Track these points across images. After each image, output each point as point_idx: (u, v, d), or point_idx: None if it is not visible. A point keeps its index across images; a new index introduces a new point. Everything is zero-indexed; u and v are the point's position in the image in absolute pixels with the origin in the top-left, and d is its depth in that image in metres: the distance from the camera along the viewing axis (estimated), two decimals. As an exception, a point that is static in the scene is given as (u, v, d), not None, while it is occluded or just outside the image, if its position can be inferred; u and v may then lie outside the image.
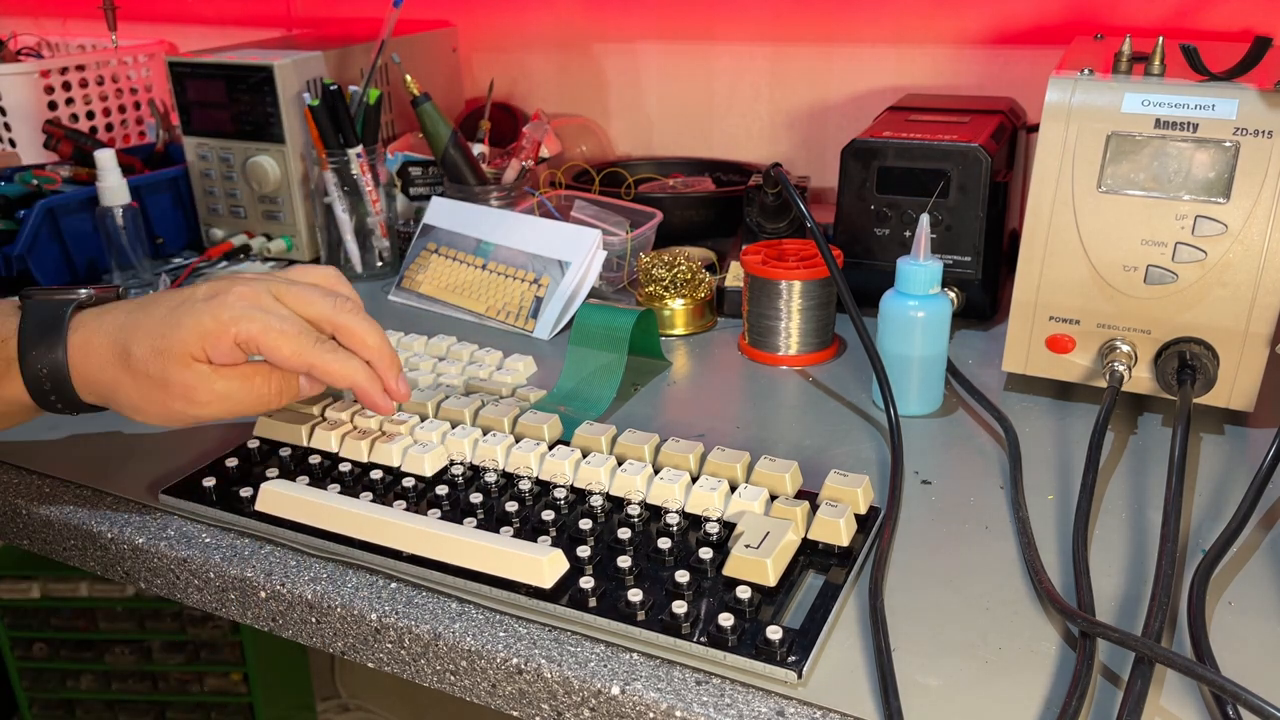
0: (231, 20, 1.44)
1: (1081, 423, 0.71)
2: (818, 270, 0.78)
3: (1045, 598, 0.52)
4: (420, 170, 1.08)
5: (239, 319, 0.56)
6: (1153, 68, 0.67)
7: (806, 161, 1.17)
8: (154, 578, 0.61)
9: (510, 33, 1.28)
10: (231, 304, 0.56)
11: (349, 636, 0.55)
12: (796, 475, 0.61)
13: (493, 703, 0.52)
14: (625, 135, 1.27)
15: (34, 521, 0.65)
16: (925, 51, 1.07)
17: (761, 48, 1.15)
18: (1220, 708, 0.45)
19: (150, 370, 0.56)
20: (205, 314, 0.56)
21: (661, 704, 0.47)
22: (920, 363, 0.71)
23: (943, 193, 0.82)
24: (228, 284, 0.58)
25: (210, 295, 0.57)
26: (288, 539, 0.59)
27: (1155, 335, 0.67)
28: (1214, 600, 0.52)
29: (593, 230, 0.90)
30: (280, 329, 0.57)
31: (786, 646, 0.48)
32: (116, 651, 1.50)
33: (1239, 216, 0.64)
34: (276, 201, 1.05)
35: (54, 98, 1.19)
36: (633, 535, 0.56)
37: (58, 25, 1.53)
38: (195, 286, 0.58)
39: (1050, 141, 0.67)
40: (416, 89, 0.98)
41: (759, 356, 0.82)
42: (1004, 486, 0.63)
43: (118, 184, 0.96)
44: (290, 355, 0.57)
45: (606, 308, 0.78)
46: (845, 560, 0.55)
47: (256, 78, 1.00)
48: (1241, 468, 0.65)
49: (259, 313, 0.56)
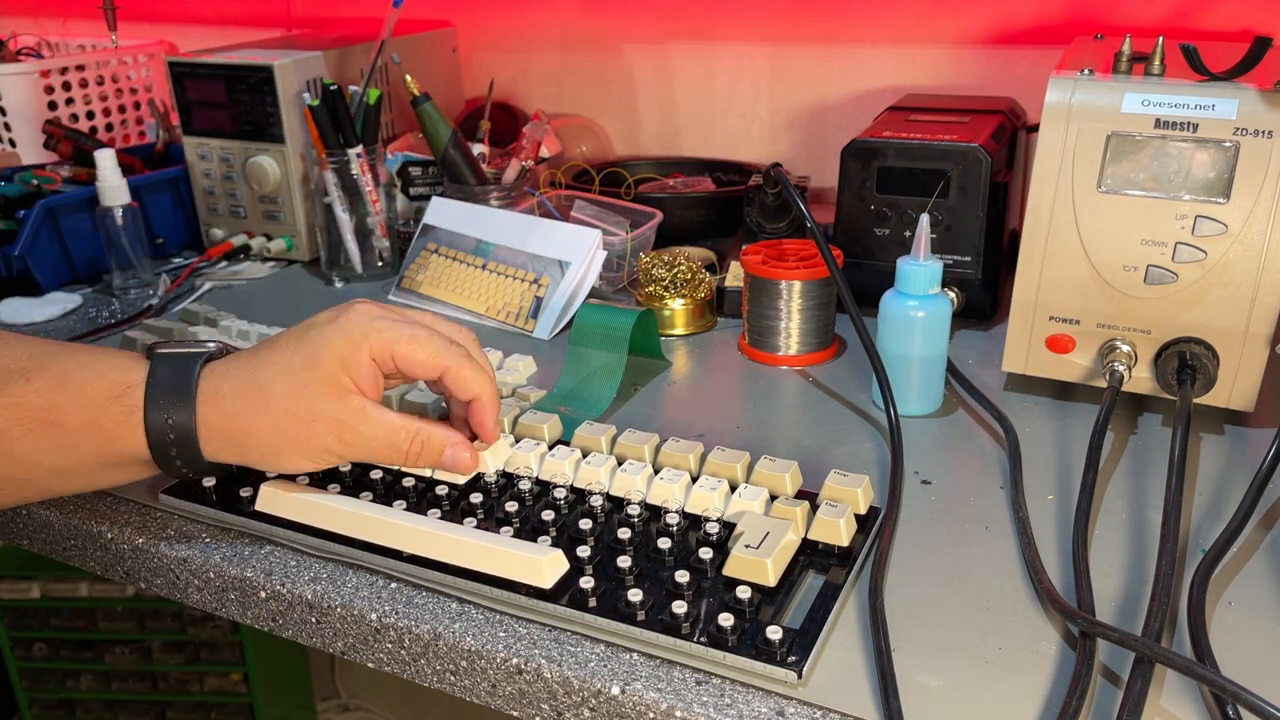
0: (231, 20, 1.44)
1: (1081, 423, 0.71)
2: (818, 270, 0.78)
3: (1045, 598, 0.52)
4: (420, 170, 1.08)
5: (370, 331, 0.54)
6: (1153, 68, 0.67)
7: (806, 161, 1.17)
8: (154, 578, 0.61)
9: (510, 33, 1.28)
10: (358, 320, 0.55)
11: (349, 636, 0.55)
12: (796, 475, 0.61)
13: (493, 703, 0.52)
14: (625, 135, 1.27)
15: (34, 521, 0.65)
16: (925, 51, 1.07)
17: (761, 48, 1.15)
18: (1220, 708, 0.45)
19: (296, 408, 0.53)
20: (337, 337, 0.54)
21: (661, 704, 0.47)
22: (920, 363, 0.71)
23: (943, 193, 0.82)
24: (346, 305, 0.56)
25: (333, 318, 0.55)
26: (288, 539, 0.59)
27: (1155, 335, 0.67)
28: (1214, 600, 0.52)
29: (593, 230, 0.90)
30: (413, 334, 0.55)
31: (786, 646, 0.48)
32: (116, 651, 1.50)
33: (1239, 216, 0.64)
34: (276, 201, 1.05)
35: (54, 98, 1.19)
36: (633, 535, 0.56)
37: (58, 25, 1.53)
38: (312, 317, 0.57)
39: (1050, 141, 0.67)
40: (416, 89, 0.98)
41: (759, 356, 0.82)
42: (1004, 486, 0.63)
43: (118, 184, 0.96)
44: (426, 359, 0.55)
45: (606, 308, 0.78)
46: (845, 560, 0.55)
47: (256, 78, 1.00)
48: (1241, 468, 0.65)
49: (388, 323, 0.55)
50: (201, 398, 0.53)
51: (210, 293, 1.01)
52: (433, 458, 0.57)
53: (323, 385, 0.53)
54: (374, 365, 0.55)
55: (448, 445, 0.57)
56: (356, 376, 0.54)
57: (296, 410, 0.53)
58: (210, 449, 0.54)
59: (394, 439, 0.55)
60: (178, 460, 0.54)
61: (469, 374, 0.57)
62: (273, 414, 0.53)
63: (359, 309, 0.56)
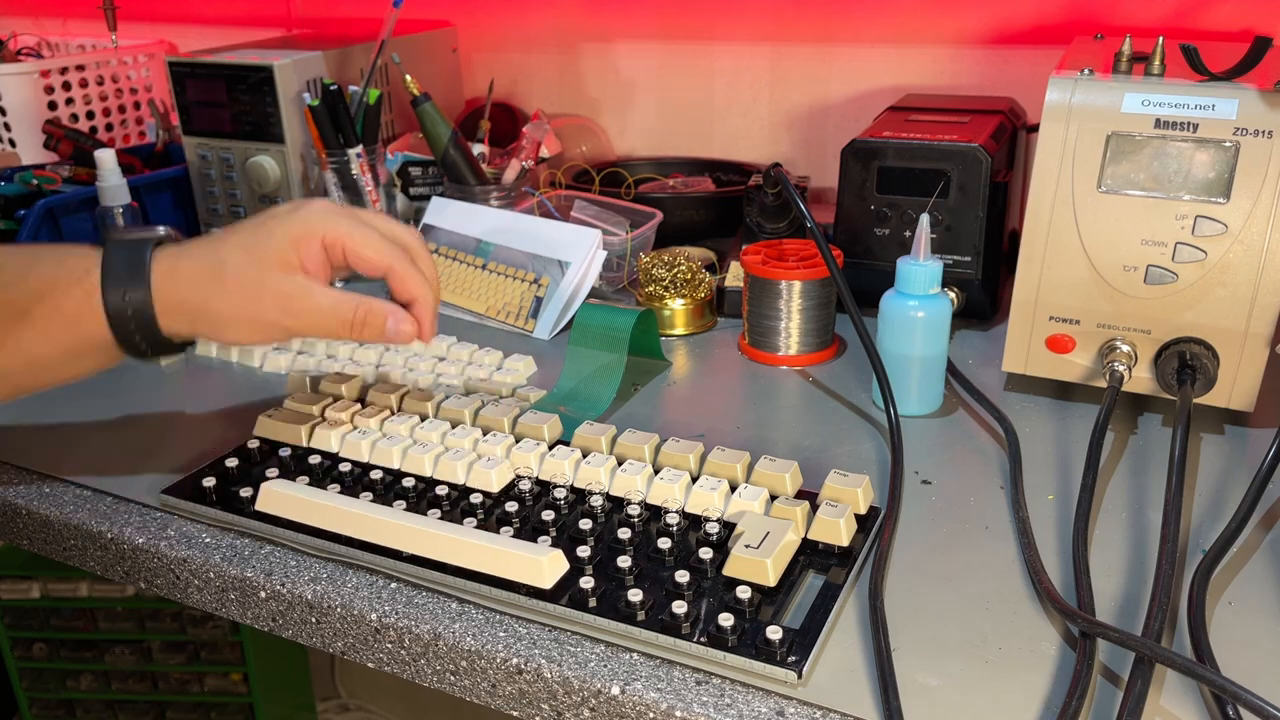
0: (231, 20, 1.44)
1: (1081, 423, 0.71)
2: (818, 270, 0.78)
3: (1045, 598, 0.52)
4: (420, 170, 1.08)
5: (326, 221, 0.58)
6: (1153, 68, 0.67)
7: (806, 161, 1.17)
8: (154, 578, 0.61)
9: (510, 33, 1.28)
10: (316, 211, 0.59)
11: (349, 636, 0.55)
12: (796, 475, 0.61)
13: (493, 703, 0.52)
14: (625, 135, 1.27)
15: (34, 521, 0.65)
16: (925, 51, 1.07)
17: (761, 48, 1.15)
18: (1220, 708, 0.45)
19: (245, 278, 0.57)
20: (294, 220, 0.58)
21: (661, 704, 0.47)
22: (920, 363, 0.71)
23: (943, 193, 0.82)
24: (305, 200, 0.62)
25: (294, 208, 0.59)
26: (288, 539, 0.59)
27: (1155, 335, 0.67)
28: (1214, 600, 0.52)
29: (593, 230, 0.90)
30: (364, 233, 0.59)
31: (786, 646, 0.48)
32: (116, 651, 1.50)
33: (1239, 216, 0.64)
34: (276, 201, 1.05)
35: (54, 98, 1.19)
36: (633, 535, 0.56)
37: (58, 25, 1.53)
38: (273, 208, 0.61)
39: (1050, 141, 0.67)
40: (416, 89, 0.98)
41: (759, 356, 0.82)
42: (1004, 486, 0.63)
43: (118, 184, 0.96)
44: (374, 255, 0.59)
45: (606, 308, 0.78)
46: (845, 560, 0.55)
47: (256, 78, 1.00)
48: (1241, 468, 0.65)
49: (344, 218, 0.59)
50: (156, 275, 0.56)
51: (210, 293, 1.01)
52: (377, 327, 0.60)
53: (274, 260, 0.57)
54: (324, 253, 0.58)
55: (389, 315, 0.60)
56: (305, 257, 0.58)
57: (246, 283, 0.57)
58: (166, 322, 0.57)
59: (339, 309, 0.58)
60: (137, 336, 0.57)
61: (411, 276, 0.60)
62: (226, 287, 0.57)
63: (318, 204, 0.60)
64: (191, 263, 0.57)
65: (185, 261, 0.57)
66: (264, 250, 0.57)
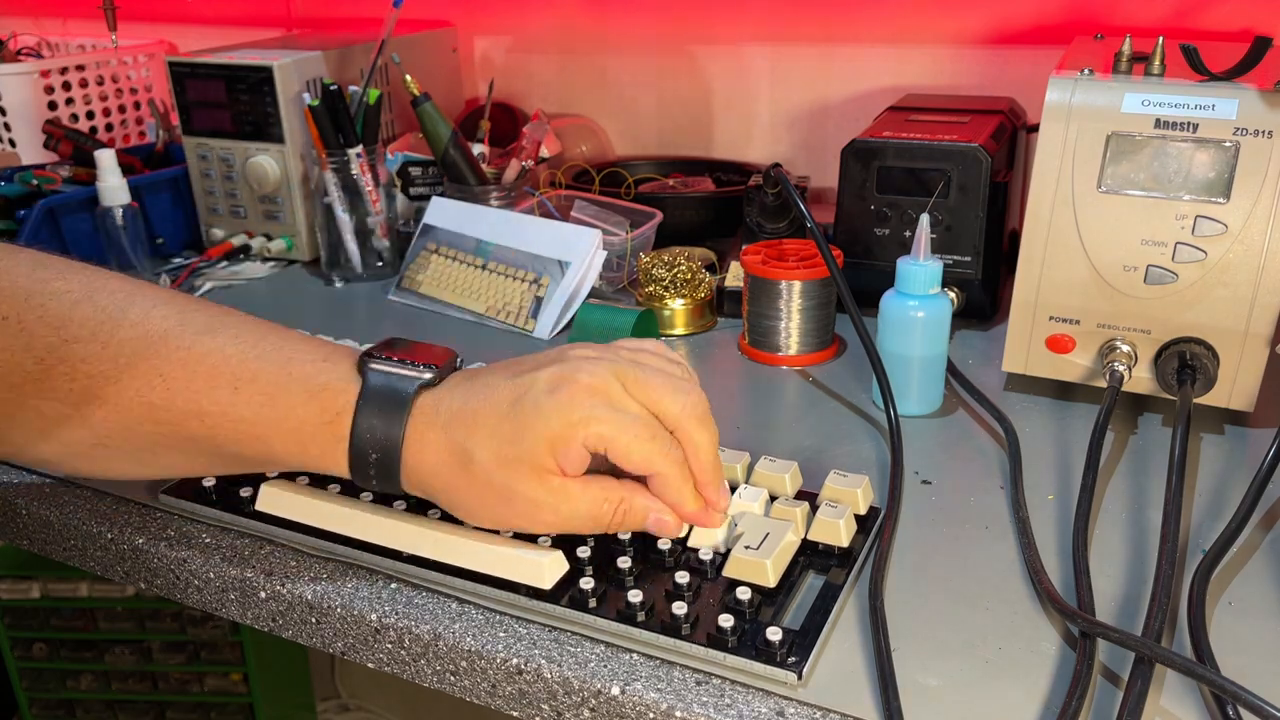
0: (231, 20, 1.44)
1: (1081, 423, 0.71)
2: (818, 270, 0.78)
3: (1045, 598, 0.52)
4: (420, 170, 1.08)
5: (589, 419, 0.50)
6: (1153, 68, 0.67)
7: (806, 161, 1.17)
8: (154, 578, 0.61)
9: (510, 33, 1.28)
10: (580, 401, 0.50)
11: (349, 636, 0.55)
12: (796, 476, 0.61)
13: (493, 703, 0.52)
14: (625, 135, 1.27)
15: (34, 521, 0.65)
16: (925, 51, 1.07)
17: (761, 48, 1.15)
18: (1220, 708, 0.45)
19: (494, 480, 0.51)
20: (553, 415, 0.50)
21: (661, 704, 0.47)
22: (920, 363, 0.71)
23: (943, 193, 0.82)
24: (572, 370, 0.51)
25: (554, 387, 0.50)
26: (288, 539, 0.59)
27: (1155, 335, 0.67)
28: (1214, 600, 0.52)
29: (593, 230, 0.90)
30: (634, 432, 0.50)
31: (786, 647, 0.48)
32: (116, 651, 1.50)
33: (1239, 216, 0.64)
34: (276, 201, 1.05)
35: (54, 98, 1.19)
36: (633, 536, 0.56)
37: (58, 25, 1.53)
38: (536, 368, 0.52)
39: (1050, 141, 0.67)
40: (416, 89, 0.98)
41: (759, 356, 0.82)
42: (1004, 486, 0.63)
43: (118, 184, 0.96)
44: (641, 462, 0.51)
45: (606, 308, 0.78)
46: (845, 561, 0.55)
47: (256, 78, 1.00)
48: (1241, 468, 0.65)
49: (610, 411, 0.50)
50: (409, 440, 0.51)
51: (210, 293, 1.01)
52: (636, 525, 0.54)
53: (527, 467, 0.50)
54: (584, 451, 0.51)
55: (651, 513, 0.53)
56: (563, 460, 0.50)
57: (493, 485, 0.51)
58: (407, 487, 0.53)
59: (595, 512, 0.52)
60: (374, 483, 0.53)
61: (670, 486, 0.53)
62: (474, 480, 0.51)
63: (585, 384, 0.51)
64: (441, 436, 0.51)
65: (434, 432, 0.51)
66: (516, 450, 0.50)
